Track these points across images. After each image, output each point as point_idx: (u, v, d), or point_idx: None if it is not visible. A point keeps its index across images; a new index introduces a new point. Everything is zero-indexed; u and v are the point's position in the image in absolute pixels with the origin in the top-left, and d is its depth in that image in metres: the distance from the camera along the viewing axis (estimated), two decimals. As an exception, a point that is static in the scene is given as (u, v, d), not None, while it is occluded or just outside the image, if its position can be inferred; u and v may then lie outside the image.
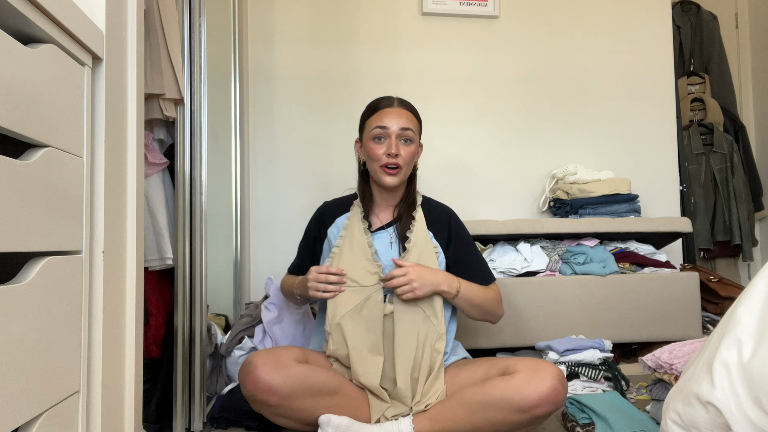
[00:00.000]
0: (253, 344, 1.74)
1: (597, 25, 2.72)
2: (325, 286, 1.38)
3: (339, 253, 1.44)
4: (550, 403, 1.22)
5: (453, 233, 1.52)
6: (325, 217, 1.54)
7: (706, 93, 3.26)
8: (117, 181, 0.94)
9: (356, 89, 2.55)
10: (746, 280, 3.26)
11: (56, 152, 0.73)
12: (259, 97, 2.50)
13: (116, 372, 0.93)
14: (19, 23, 0.68)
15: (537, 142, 2.66)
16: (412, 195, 1.52)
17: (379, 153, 1.43)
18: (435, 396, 1.33)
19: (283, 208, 2.48)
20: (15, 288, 0.63)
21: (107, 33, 0.89)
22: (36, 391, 0.67)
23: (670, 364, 1.35)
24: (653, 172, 2.71)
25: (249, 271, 2.41)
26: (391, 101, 1.48)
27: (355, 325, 1.36)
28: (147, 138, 1.38)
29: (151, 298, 1.41)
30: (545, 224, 2.19)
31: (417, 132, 1.48)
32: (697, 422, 0.83)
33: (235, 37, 2.24)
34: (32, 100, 0.68)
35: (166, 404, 1.42)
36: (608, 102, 2.72)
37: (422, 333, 1.36)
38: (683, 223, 2.25)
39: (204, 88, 1.51)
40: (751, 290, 0.86)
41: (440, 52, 2.62)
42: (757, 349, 0.79)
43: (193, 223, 1.45)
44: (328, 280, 1.38)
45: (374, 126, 1.45)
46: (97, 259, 0.86)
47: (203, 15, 1.53)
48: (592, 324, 2.09)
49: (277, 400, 1.24)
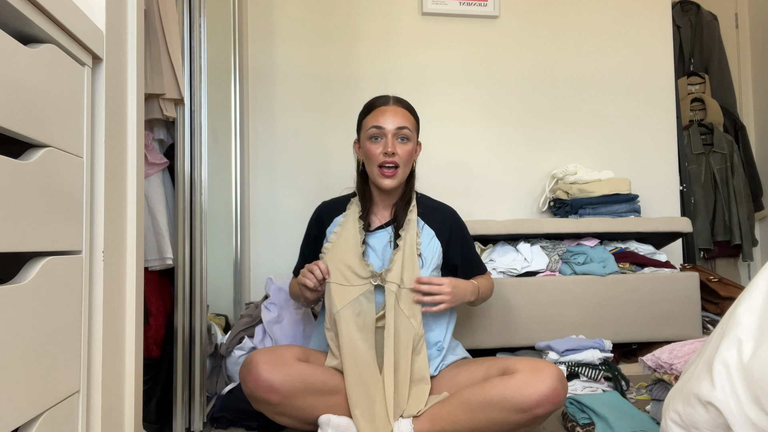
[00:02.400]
0: (253, 344, 1.74)
1: (597, 25, 2.72)
2: (310, 275, 1.38)
3: (331, 248, 1.44)
4: (550, 403, 1.22)
5: (456, 232, 1.54)
6: (323, 217, 1.55)
7: (706, 93, 3.26)
8: (117, 181, 0.94)
9: (356, 89, 2.55)
10: (746, 280, 3.26)
11: (56, 152, 0.73)
12: (259, 97, 2.50)
13: (116, 372, 0.93)
14: (19, 23, 0.68)
15: (537, 141, 2.66)
16: (409, 194, 1.52)
17: (376, 152, 1.44)
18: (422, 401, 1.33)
19: (283, 208, 2.48)
20: (15, 288, 0.63)
21: (107, 33, 0.89)
22: (36, 391, 0.67)
23: (670, 364, 1.35)
24: (653, 172, 2.71)
25: (249, 271, 2.41)
26: (387, 100, 1.48)
27: (348, 325, 1.36)
28: (147, 138, 1.38)
29: (151, 298, 1.41)
30: (545, 224, 2.19)
31: (414, 130, 1.48)
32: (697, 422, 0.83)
33: (235, 37, 2.24)
34: (32, 100, 0.68)
35: (166, 404, 1.42)
36: (608, 102, 2.71)
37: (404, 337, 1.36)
38: (683, 223, 2.25)
39: (204, 88, 1.51)
40: (751, 290, 0.86)
41: (440, 52, 2.62)
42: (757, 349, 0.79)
43: (193, 223, 1.45)
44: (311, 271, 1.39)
45: (370, 125, 1.45)
46: (97, 259, 0.86)
47: (203, 15, 1.53)
48: (592, 324, 2.09)
49: (277, 398, 1.24)
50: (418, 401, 1.32)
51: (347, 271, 1.40)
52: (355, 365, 1.33)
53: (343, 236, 1.45)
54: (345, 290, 1.38)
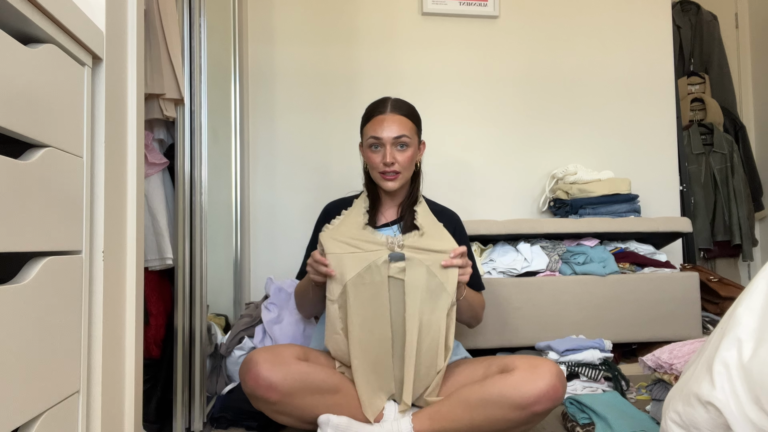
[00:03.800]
0: (253, 344, 1.74)
1: (597, 25, 2.72)
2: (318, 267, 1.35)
3: (332, 228, 1.42)
4: (549, 399, 1.22)
5: (459, 238, 1.53)
6: (332, 216, 1.54)
7: (706, 93, 3.26)
8: (117, 181, 0.94)
9: (356, 89, 2.55)
10: (746, 280, 3.26)
11: (56, 152, 0.73)
12: (259, 97, 2.50)
13: (116, 372, 0.93)
14: (19, 23, 0.68)
15: (537, 141, 2.66)
16: (416, 193, 1.53)
17: (376, 161, 1.46)
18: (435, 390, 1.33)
19: (283, 208, 2.48)
20: (15, 288, 0.63)
21: (107, 33, 0.89)
22: (36, 391, 0.67)
23: (670, 364, 1.35)
24: (653, 172, 2.71)
25: (249, 271, 2.41)
26: (384, 107, 1.47)
27: (357, 293, 1.32)
28: (147, 138, 1.38)
29: (151, 298, 1.41)
30: (545, 224, 2.19)
31: (413, 135, 1.48)
32: (697, 422, 0.83)
33: (235, 37, 2.24)
34: (32, 100, 0.68)
35: (166, 404, 1.42)
36: (608, 102, 2.72)
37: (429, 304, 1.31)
38: (683, 223, 2.25)
39: (204, 88, 1.51)
40: (751, 290, 0.86)
41: (440, 52, 2.62)
42: (757, 349, 0.79)
43: (193, 223, 1.45)
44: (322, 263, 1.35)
45: (369, 136, 1.47)
46: (97, 259, 0.86)
47: (203, 15, 1.53)
48: (592, 324, 2.09)
49: (277, 397, 1.24)
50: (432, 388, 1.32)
51: (353, 241, 1.37)
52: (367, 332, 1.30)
53: (346, 221, 1.45)
54: (355, 257, 1.34)
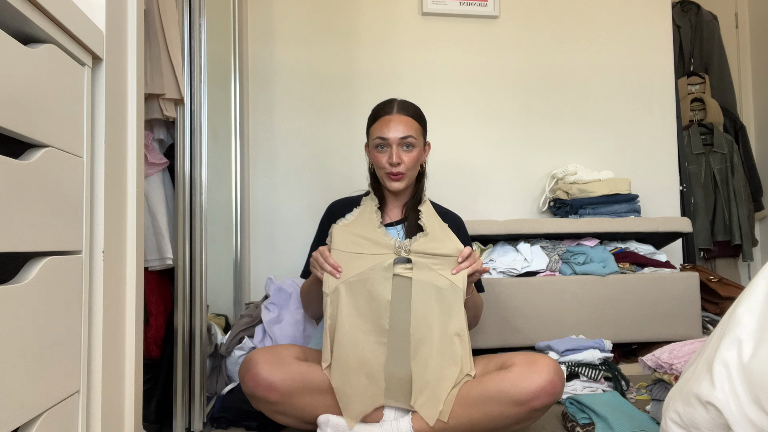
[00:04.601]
0: (253, 344, 1.74)
1: (597, 25, 2.72)
2: (322, 263, 1.33)
3: (347, 224, 1.42)
4: (547, 394, 1.21)
5: (462, 242, 1.52)
6: (336, 215, 1.54)
7: (706, 93, 3.25)
8: (117, 181, 0.94)
9: (356, 89, 2.55)
10: (746, 280, 3.26)
11: (56, 152, 0.73)
12: (259, 97, 2.50)
13: (116, 372, 0.93)
14: (19, 23, 0.68)
15: (537, 141, 2.66)
16: (420, 194, 1.54)
17: (383, 162, 1.47)
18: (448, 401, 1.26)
19: (283, 208, 2.48)
20: (15, 288, 0.63)
21: (107, 33, 0.89)
22: (36, 391, 0.67)
23: (670, 364, 1.35)
24: (653, 172, 2.71)
25: (249, 271, 2.41)
26: (391, 108, 1.49)
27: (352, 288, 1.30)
28: (147, 138, 1.38)
29: (151, 298, 1.41)
30: (545, 224, 2.19)
31: (419, 135, 1.49)
32: (697, 422, 0.83)
33: (235, 37, 2.24)
34: (32, 100, 0.68)
35: (166, 404, 1.42)
36: (608, 102, 2.72)
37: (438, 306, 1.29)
38: (683, 223, 2.25)
39: (204, 88, 1.51)
40: (751, 290, 0.86)
41: (440, 52, 2.62)
42: (757, 349, 0.79)
43: (193, 223, 1.45)
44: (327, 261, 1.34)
45: (375, 136, 1.48)
46: (97, 259, 0.86)
47: (203, 15, 1.53)
48: (592, 324, 2.09)
49: (276, 397, 1.25)
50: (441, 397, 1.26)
51: (362, 240, 1.36)
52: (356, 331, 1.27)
53: (359, 219, 1.46)
54: (361, 258, 1.32)
